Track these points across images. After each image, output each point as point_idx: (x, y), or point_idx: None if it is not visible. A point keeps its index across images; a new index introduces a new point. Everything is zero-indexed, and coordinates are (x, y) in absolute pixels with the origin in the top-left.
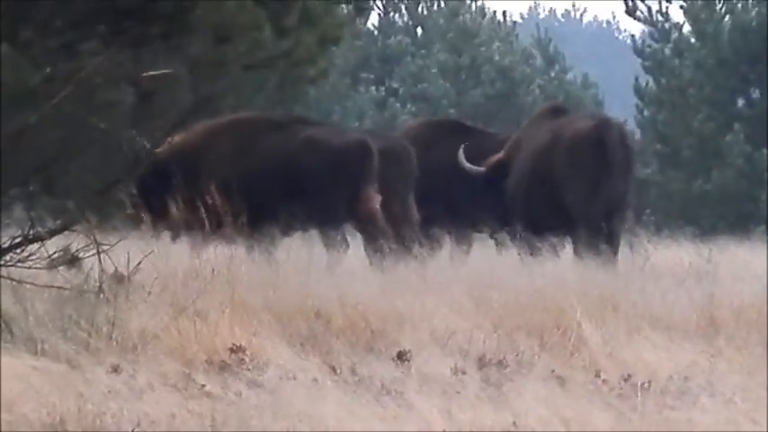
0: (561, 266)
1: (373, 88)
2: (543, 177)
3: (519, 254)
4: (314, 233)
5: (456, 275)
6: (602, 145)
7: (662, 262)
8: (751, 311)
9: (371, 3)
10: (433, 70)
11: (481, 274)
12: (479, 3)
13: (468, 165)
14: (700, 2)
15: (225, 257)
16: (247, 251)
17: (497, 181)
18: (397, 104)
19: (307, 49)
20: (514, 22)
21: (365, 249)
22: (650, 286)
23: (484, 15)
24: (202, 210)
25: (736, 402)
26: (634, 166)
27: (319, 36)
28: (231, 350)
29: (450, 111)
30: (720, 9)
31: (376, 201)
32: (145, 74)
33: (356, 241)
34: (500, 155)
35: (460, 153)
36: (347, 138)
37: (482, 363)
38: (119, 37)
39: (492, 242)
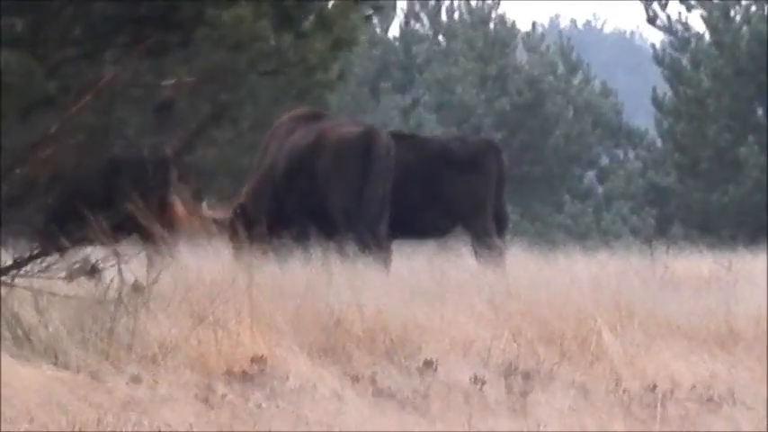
0: (578, 275)
1: (398, 96)
2: (303, 177)
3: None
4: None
5: (474, 284)
6: (368, 152)
7: (681, 271)
8: None
9: (392, 12)
10: (469, 78)
11: (499, 282)
12: (501, 12)
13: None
14: (718, 12)
15: (245, 267)
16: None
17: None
18: (423, 112)
19: (319, 53)
20: (543, 34)
21: None
22: (669, 295)
23: (505, 24)
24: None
25: (757, 411)
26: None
27: (333, 40)
28: (252, 360)
29: (477, 119)
30: (738, 18)
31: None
32: (164, 83)
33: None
34: (240, 198)
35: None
36: None
37: (503, 372)
38: (138, 46)
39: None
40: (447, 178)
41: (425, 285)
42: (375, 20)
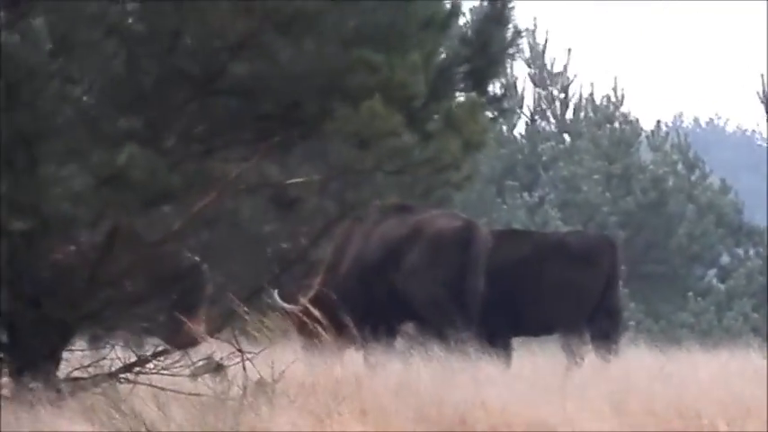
0: (699, 372)
1: (525, 194)
2: (396, 269)
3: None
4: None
5: (594, 380)
6: (467, 247)
7: None
8: None
9: (518, 110)
10: (595, 177)
11: (618, 378)
12: (625, 110)
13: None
14: None
15: (366, 365)
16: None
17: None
18: (551, 210)
19: (451, 154)
20: (667, 132)
21: None
22: None
23: (629, 122)
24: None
25: None
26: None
27: (463, 142)
28: None
29: (602, 218)
30: None
31: None
32: (289, 182)
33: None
34: (314, 289)
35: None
36: None
37: None
38: (262, 143)
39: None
40: (562, 271)
41: (548, 381)
42: (501, 119)
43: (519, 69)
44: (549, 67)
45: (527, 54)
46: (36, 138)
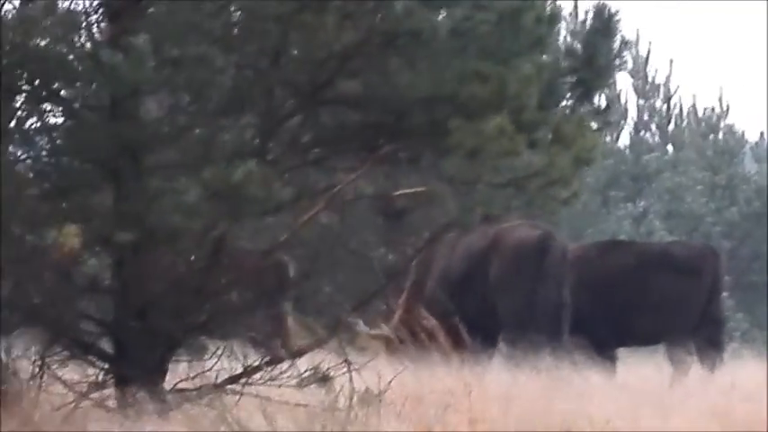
0: None
1: (630, 204)
2: (480, 280)
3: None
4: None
5: (699, 391)
6: (542, 258)
7: None
8: None
9: (623, 121)
10: (699, 187)
11: (723, 389)
12: (729, 122)
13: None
14: None
15: (474, 374)
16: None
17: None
18: (656, 221)
19: (560, 169)
20: None
21: None
22: None
23: (734, 133)
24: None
25: None
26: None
27: (573, 157)
28: None
29: (706, 228)
30: None
31: None
32: (398, 192)
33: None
34: (401, 308)
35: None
36: None
37: None
38: (370, 154)
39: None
40: (665, 281)
41: (653, 392)
42: (606, 131)
43: (622, 80)
44: (651, 78)
45: (630, 65)
46: (142, 149)
